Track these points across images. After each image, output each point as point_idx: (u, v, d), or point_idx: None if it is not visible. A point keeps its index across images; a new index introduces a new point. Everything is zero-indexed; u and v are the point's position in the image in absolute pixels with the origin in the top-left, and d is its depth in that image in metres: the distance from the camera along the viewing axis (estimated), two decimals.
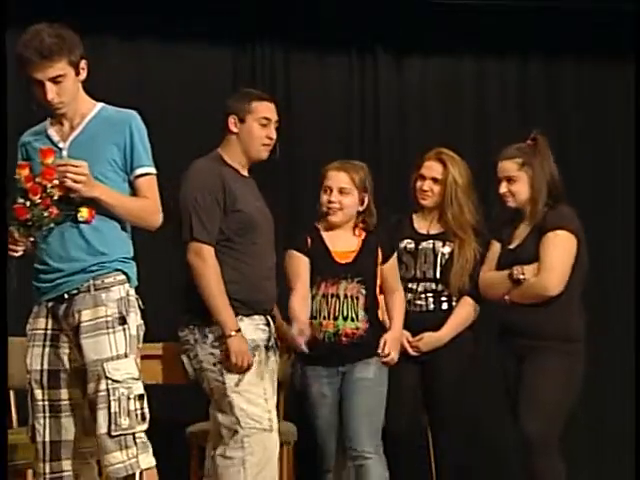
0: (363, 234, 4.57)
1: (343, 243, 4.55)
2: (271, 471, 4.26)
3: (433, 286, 4.70)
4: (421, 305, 4.70)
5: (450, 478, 4.78)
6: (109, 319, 3.70)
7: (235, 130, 4.36)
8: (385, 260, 4.56)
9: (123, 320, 3.72)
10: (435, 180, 4.72)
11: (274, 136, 4.39)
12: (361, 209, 4.56)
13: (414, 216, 4.83)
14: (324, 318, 4.42)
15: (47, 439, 3.68)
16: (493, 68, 6.20)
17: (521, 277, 4.48)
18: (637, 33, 5.43)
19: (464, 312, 4.68)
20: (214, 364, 4.27)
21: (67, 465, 3.70)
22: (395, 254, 4.63)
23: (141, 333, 3.81)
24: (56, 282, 3.72)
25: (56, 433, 3.69)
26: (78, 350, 3.68)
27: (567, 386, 4.46)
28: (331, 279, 4.48)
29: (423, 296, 4.70)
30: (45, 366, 3.69)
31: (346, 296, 4.45)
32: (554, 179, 4.56)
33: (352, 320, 4.44)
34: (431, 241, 4.74)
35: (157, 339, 4.83)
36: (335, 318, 4.43)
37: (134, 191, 3.79)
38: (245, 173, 4.44)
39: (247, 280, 4.30)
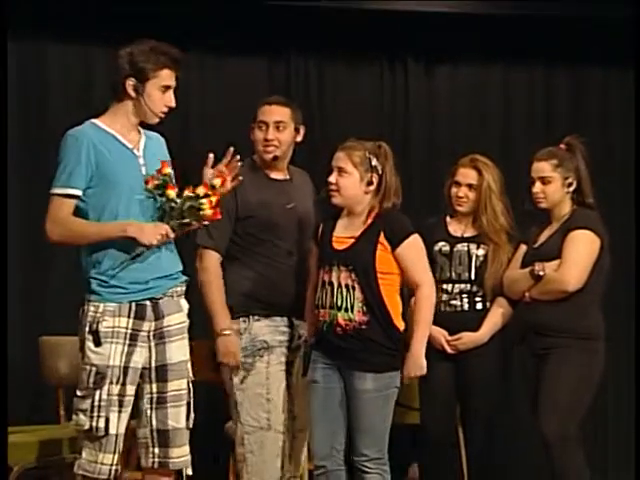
0: (371, 220, 4.24)
1: (348, 229, 4.26)
2: (271, 470, 4.35)
3: (468, 287, 4.73)
4: (456, 305, 4.73)
5: (481, 474, 4.83)
6: (186, 324, 3.93)
7: (252, 137, 4.54)
8: (394, 247, 4.20)
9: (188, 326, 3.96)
10: (470, 186, 4.75)
11: (271, 137, 4.44)
12: (368, 190, 4.24)
13: (448, 219, 4.84)
14: (322, 307, 4.22)
15: (119, 432, 3.79)
16: (519, 75, 6.28)
17: (541, 273, 4.55)
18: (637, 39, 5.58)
19: (500, 312, 4.71)
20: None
21: (116, 458, 3.82)
22: (411, 240, 4.22)
23: None
24: (149, 285, 3.83)
25: (119, 427, 3.81)
26: (162, 351, 3.84)
27: (585, 384, 4.52)
28: (327, 266, 4.23)
29: (458, 297, 4.73)
30: (123, 363, 3.79)
31: (340, 285, 4.17)
32: (585, 182, 4.64)
33: (346, 310, 4.16)
34: (465, 244, 4.77)
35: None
36: (331, 307, 4.19)
37: None
38: (278, 175, 4.53)
39: (265, 281, 4.40)
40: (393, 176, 4.27)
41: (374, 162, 4.23)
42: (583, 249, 4.55)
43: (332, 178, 4.25)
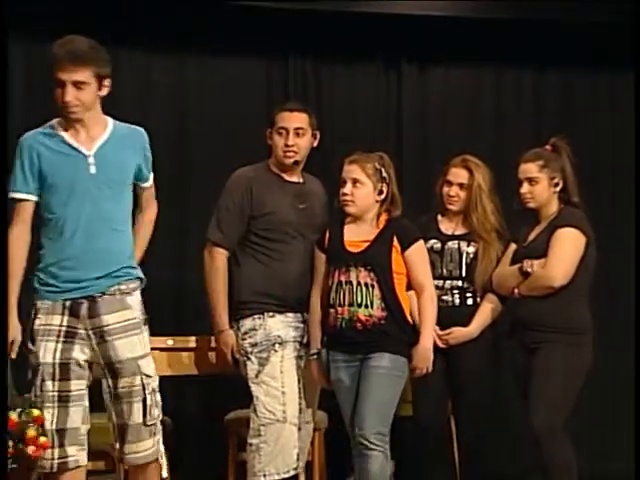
0: (383, 225, 4.48)
1: (360, 233, 4.46)
2: (285, 459, 4.45)
3: (459, 283, 4.81)
4: (447, 301, 4.80)
5: (472, 466, 4.89)
6: (136, 321, 3.91)
7: (270, 141, 4.65)
8: (404, 249, 4.46)
9: (145, 321, 3.96)
10: (461, 186, 4.83)
11: (292, 142, 4.56)
12: (379, 199, 4.48)
13: (439, 218, 4.92)
14: (340, 305, 4.39)
15: (54, 427, 3.80)
16: (511, 77, 6.35)
17: (529, 270, 4.62)
18: (636, 45, 5.62)
19: (489, 307, 4.79)
20: (241, 354, 4.53)
21: (71, 450, 3.83)
22: (418, 244, 4.49)
23: None
24: (83, 284, 3.83)
25: (63, 421, 3.82)
26: (105, 349, 3.84)
27: (573, 378, 4.59)
28: (343, 267, 4.41)
29: (449, 292, 4.80)
30: (57, 360, 3.81)
31: (359, 283, 4.38)
32: (570, 182, 4.71)
33: (366, 307, 4.36)
34: (456, 241, 4.85)
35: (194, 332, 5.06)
36: (350, 305, 4.38)
37: (140, 197, 4.05)
38: (292, 178, 4.65)
39: (279, 278, 4.52)
40: (395, 184, 4.51)
41: (384, 173, 4.47)
42: (569, 246, 4.63)
43: (347, 189, 4.45)
